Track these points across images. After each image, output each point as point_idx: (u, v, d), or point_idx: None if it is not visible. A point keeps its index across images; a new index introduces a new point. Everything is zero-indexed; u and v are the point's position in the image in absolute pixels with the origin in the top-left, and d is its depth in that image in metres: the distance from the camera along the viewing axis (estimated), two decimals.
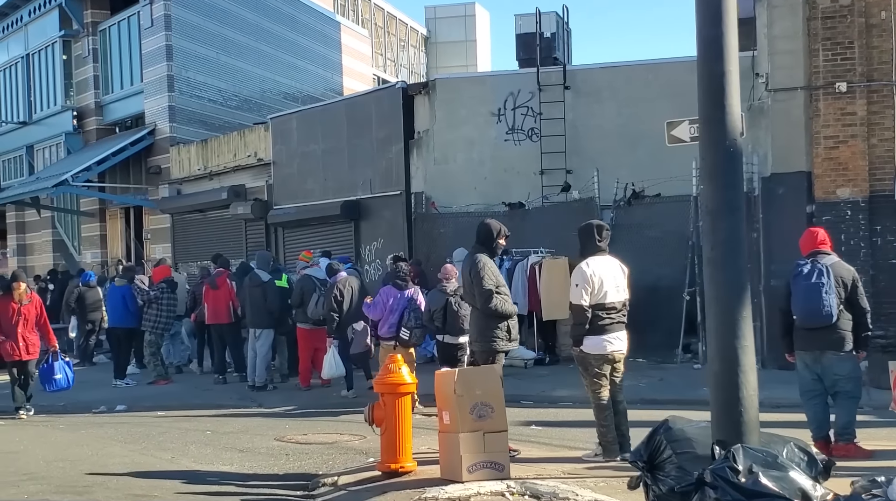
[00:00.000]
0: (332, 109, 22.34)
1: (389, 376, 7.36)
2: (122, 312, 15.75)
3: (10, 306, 12.59)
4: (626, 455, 7.42)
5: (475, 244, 8.57)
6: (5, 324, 12.58)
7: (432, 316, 11.43)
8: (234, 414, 12.11)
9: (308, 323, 13.75)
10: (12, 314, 12.56)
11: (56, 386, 12.85)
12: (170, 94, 27.95)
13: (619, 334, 7.75)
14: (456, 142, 19.32)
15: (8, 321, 12.57)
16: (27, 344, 12.69)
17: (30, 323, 12.70)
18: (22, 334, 12.62)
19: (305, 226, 22.68)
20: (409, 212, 19.83)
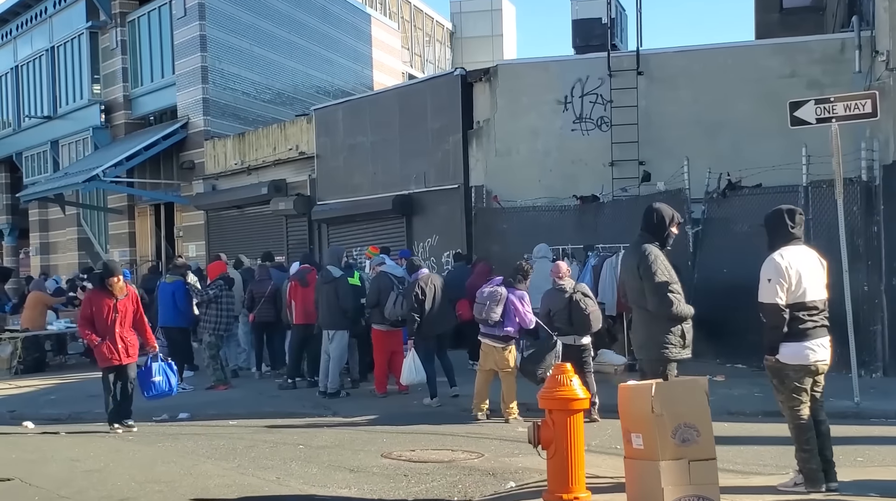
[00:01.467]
0: (383, 99, 21.29)
1: (560, 389, 6.23)
2: (173, 311, 14.73)
3: (106, 302, 10.90)
4: (832, 484, 6.35)
5: (641, 232, 7.42)
6: (100, 324, 10.88)
7: (551, 316, 10.62)
8: (314, 424, 11.07)
9: (384, 324, 12.68)
10: (108, 311, 10.86)
11: (156, 392, 11.20)
12: (203, 86, 26.98)
13: (823, 340, 6.53)
14: (519, 132, 18.26)
15: (103, 320, 10.87)
16: (126, 346, 10.95)
17: (127, 320, 11.01)
18: (120, 334, 10.90)
19: (352, 222, 21.66)
20: (468, 206, 18.78)
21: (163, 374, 11.20)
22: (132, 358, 11.10)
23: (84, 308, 11.21)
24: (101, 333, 10.91)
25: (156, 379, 11.14)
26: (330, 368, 13.04)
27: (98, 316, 10.91)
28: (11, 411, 13.29)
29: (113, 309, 10.91)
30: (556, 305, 10.68)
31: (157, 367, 11.21)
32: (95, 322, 10.95)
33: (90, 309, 11.01)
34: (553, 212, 17.07)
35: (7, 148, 36.05)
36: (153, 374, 11.15)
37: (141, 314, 11.29)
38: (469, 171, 18.88)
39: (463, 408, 11.52)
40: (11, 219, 37.79)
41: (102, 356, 10.96)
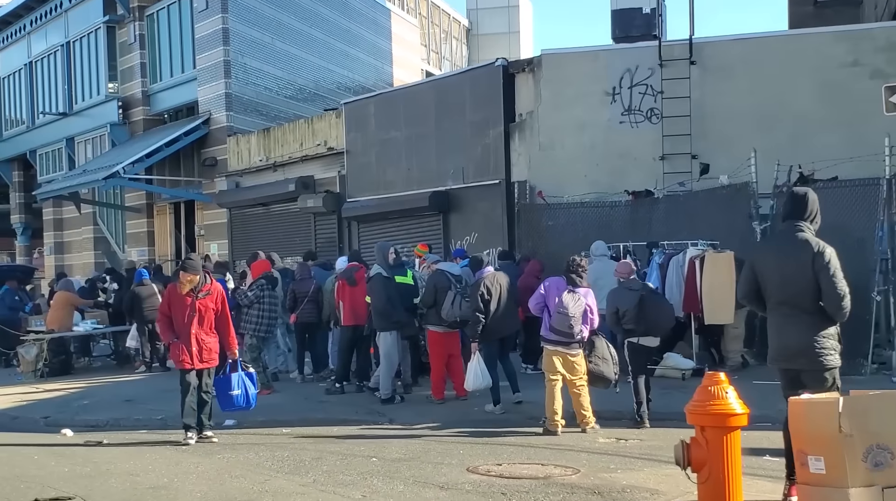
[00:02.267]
0: (418, 92, 20.56)
1: (714, 403, 5.43)
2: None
3: (184, 299, 10.02)
4: None
5: (795, 222, 6.43)
6: (177, 322, 10.05)
7: (620, 316, 9.96)
8: (374, 433, 10.36)
9: (441, 325, 11.93)
10: (186, 309, 9.97)
11: (232, 405, 10.26)
12: (226, 81, 26.25)
13: None
14: (564, 124, 17.53)
15: (180, 318, 10.02)
16: (201, 349, 9.97)
17: (207, 321, 10.05)
18: (196, 335, 9.93)
19: (385, 219, 20.93)
20: (510, 202, 18.04)
21: (241, 386, 10.19)
22: (208, 363, 10.12)
23: (162, 303, 10.47)
24: (177, 332, 10.11)
25: (234, 393, 10.15)
26: (380, 372, 12.30)
27: (175, 313, 10.08)
28: (45, 417, 12.62)
29: (191, 307, 9.98)
30: (626, 304, 10.07)
31: (236, 378, 10.21)
32: (173, 319, 10.13)
33: (168, 305, 10.21)
34: (603, 209, 16.35)
35: (20, 145, 35.37)
36: (232, 386, 10.17)
37: (225, 315, 10.29)
38: (511, 166, 18.16)
39: (529, 416, 10.80)
40: (25, 219, 37.13)
41: (175, 357, 10.21)
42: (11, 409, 13.58)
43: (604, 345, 10.16)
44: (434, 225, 19.79)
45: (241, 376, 10.22)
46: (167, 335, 10.20)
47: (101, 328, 18.31)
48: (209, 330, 10.07)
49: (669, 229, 14.97)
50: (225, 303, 10.31)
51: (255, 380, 10.42)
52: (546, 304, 10.05)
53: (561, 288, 10.14)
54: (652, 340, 10.26)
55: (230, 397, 10.17)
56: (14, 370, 18.58)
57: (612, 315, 10.18)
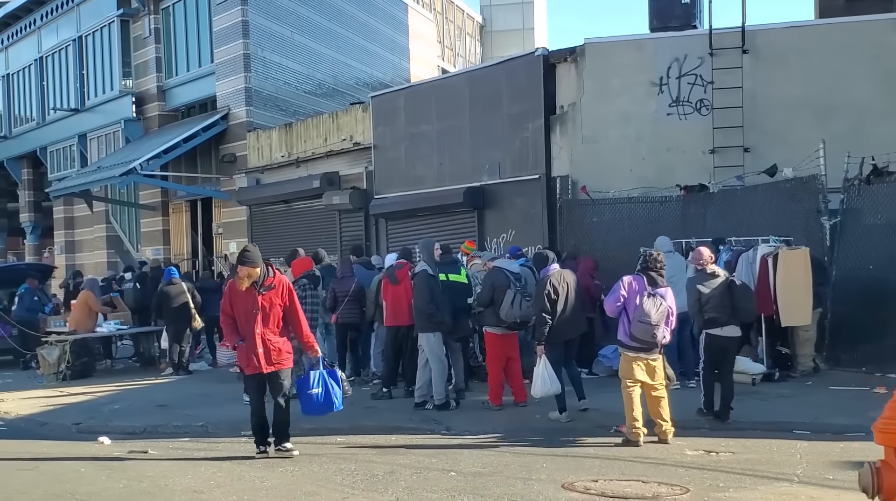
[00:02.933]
0: (451, 84, 19.83)
1: None
2: None
3: (245, 296, 8.80)
4: None
5: None
6: (240, 321, 8.87)
7: (703, 303, 9.56)
8: (441, 443, 9.64)
9: (500, 326, 11.19)
10: (248, 307, 8.78)
11: (312, 407, 9.08)
12: (246, 75, 25.52)
13: None
14: (608, 116, 16.81)
15: (242, 317, 8.84)
16: (269, 350, 8.76)
17: (272, 319, 8.83)
18: (262, 335, 8.74)
19: (415, 216, 20.20)
20: (550, 198, 17.30)
21: (322, 385, 9.04)
22: (279, 365, 8.87)
23: (224, 301, 9.11)
24: (241, 333, 8.93)
25: (313, 392, 9.00)
26: (432, 377, 11.56)
27: (237, 312, 8.90)
28: (77, 423, 11.91)
29: (253, 304, 8.77)
30: (710, 289, 9.53)
31: (315, 377, 9.05)
32: (238, 318, 8.95)
33: (229, 304, 9.00)
34: (652, 204, 15.65)
35: (30, 143, 34.68)
36: (311, 385, 9.03)
37: (295, 309, 9.01)
38: (551, 160, 17.44)
39: (597, 424, 10.11)
40: (34, 217, 36.43)
41: (241, 361, 9.04)
42: (38, 415, 12.87)
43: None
44: (468, 222, 19.07)
45: (321, 374, 9.09)
46: (232, 337, 9.01)
47: (124, 329, 17.56)
48: (276, 329, 8.90)
49: (726, 225, 14.26)
50: (293, 296, 9.08)
51: (338, 379, 9.26)
52: (625, 307, 9.29)
53: (641, 288, 9.39)
54: (734, 330, 9.70)
55: (309, 397, 9.05)
56: (33, 372, 17.87)
57: (695, 302, 9.60)
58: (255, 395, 9.05)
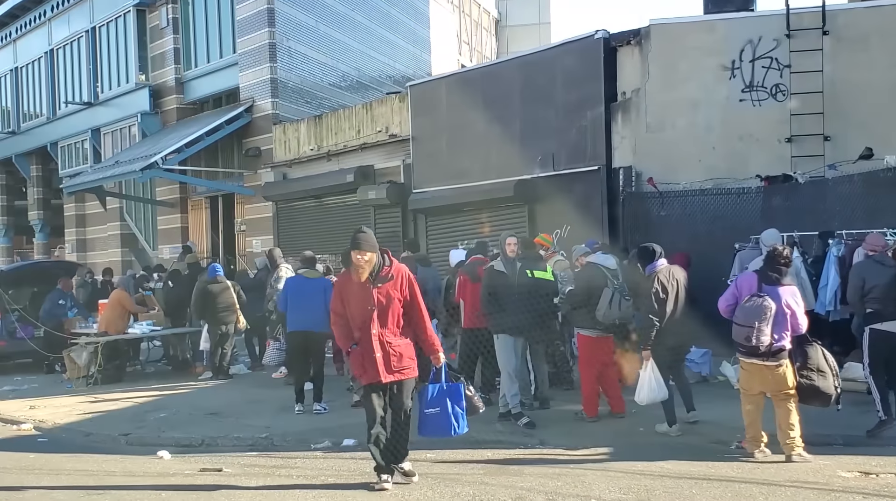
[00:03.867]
0: (499, 71, 18.72)
1: None
2: (323, 313, 11.95)
3: (358, 290, 7.44)
4: None
5: None
6: (353, 320, 7.46)
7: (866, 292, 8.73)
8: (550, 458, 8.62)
9: (595, 329, 10.12)
10: (363, 302, 7.39)
11: (428, 428, 7.60)
12: (271, 66, 24.47)
13: None
14: (675, 103, 15.76)
15: (357, 314, 7.43)
16: (388, 355, 7.35)
17: (392, 317, 7.44)
18: (380, 337, 7.34)
19: (458, 211, 19.15)
20: (611, 191, 16.24)
21: (441, 403, 7.50)
22: (400, 374, 7.44)
23: (334, 299, 7.65)
24: (354, 335, 7.52)
25: (430, 411, 7.53)
26: (508, 383, 10.47)
27: (349, 309, 7.47)
28: (125, 434, 10.84)
29: (368, 299, 7.36)
30: (876, 279, 8.71)
31: (434, 392, 7.54)
32: (352, 317, 7.51)
33: (340, 301, 7.57)
34: (728, 197, 14.60)
35: (40, 138, 33.62)
36: (428, 401, 7.55)
37: (418, 306, 7.58)
38: (612, 151, 16.36)
39: (713, 439, 9.09)
40: (43, 215, 35.35)
41: (356, 369, 7.63)
42: (78, 424, 11.80)
43: (819, 355, 8.39)
44: (517, 217, 18.00)
45: (440, 388, 7.58)
46: (345, 340, 7.56)
47: (158, 330, 16.47)
48: (396, 329, 7.45)
49: (815, 218, 13.23)
50: (415, 289, 7.58)
51: (462, 396, 7.68)
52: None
53: (751, 287, 8.35)
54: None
55: (425, 417, 7.58)
56: (59, 376, 16.84)
57: (857, 290, 8.74)
58: (373, 407, 7.51)
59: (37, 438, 11.20)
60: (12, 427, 11.97)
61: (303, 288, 11.86)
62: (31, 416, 12.53)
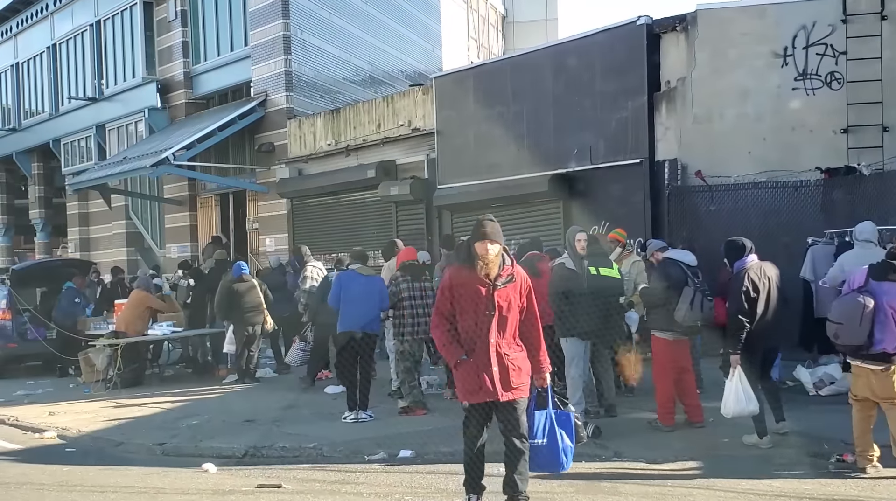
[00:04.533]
0: (531, 61, 17.93)
1: None
2: (377, 312, 11.13)
3: (475, 291, 6.29)
4: None
5: None
6: (465, 326, 6.34)
7: None
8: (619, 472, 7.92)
9: (673, 331, 9.35)
10: (478, 306, 6.28)
11: (535, 461, 6.43)
12: (286, 58, 23.66)
13: None
14: (723, 92, 15.02)
15: (469, 321, 6.32)
16: (505, 368, 6.24)
17: (511, 323, 6.35)
18: (496, 347, 6.25)
19: (487, 208, 18.07)
20: (654, 185, 15.49)
21: (551, 434, 6.45)
22: (517, 392, 6.30)
23: (441, 298, 6.47)
24: (466, 341, 6.35)
25: (537, 442, 6.41)
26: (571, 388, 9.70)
27: (462, 312, 6.34)
28: (160, 444, 10.03)
29: (486, 302, 6.28)
30: None
31: (541, 420, 6.47)
32: (459, 323, 6.40)
33: (449, 302, 6.42)
34: (784, 190, 13.88)
35: (42, 135, 32.77)
36: (534, 431, 6.43)
37: (535, 316, 6.49)
38: (655, 142, 15.61)
39: (810, 452, 8.33)
40: (44, 214, 34.50)
41: (463, 385, 6.39)
42: (106, 432, 11.00)
43: None
44: (552, 213, 17.27)
45: (549, 416, 6.51)
46: (452, 350, 6.35)
47: (179, 331, 15.65)
48: (513, 339, 6.36)
49: (881, 213, 12.46)
50: (532, 297, 6.49)
51: (572, 425, 6.63)
52: None
53: (858, 283, 7.60)
54: None
55: (538, 449, 6.45)
56: (73, 380, 16.06)
57: None
58: (477, 428, 6.40)
59: (63, 448, 10.40)
60: (35, 436, 11.18)
61: (356, 285, 11.01)
62: (52, 423, 11.74)
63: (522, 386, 6.36)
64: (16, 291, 17.02)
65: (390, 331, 12.28)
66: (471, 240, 6.43)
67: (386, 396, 12.00)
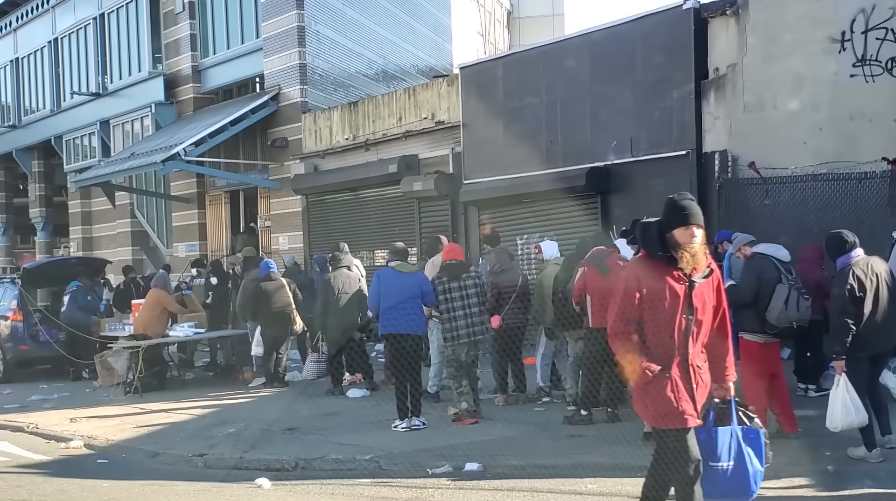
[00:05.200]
0: (566, 49, 17.14)
1: None
2: (421, 312, 10.31)
3: (669, 287, 5.07)
4: None
5: None
6: (656, 334, 5.11)
7: None
8: None
9: (764, 333, 8.53)
10: (676, 308, 5.07)
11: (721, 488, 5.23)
12: (300, 50, 22.84)
13: None
14: (777, 79, 14.23)
15: (665, 325, 5.09)
16: (701, 386, 5.16)
17: (706, 329, 5.18)
18: (693, 361, 5.12)
19: (517, 203, 17.56)
20: (702, 177, 14.71)
21: (739, 454, 5.24)
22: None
23: (626, 300, 5.16)
24: (656, 353, 5.13)
25: (722, 465, 5.21)
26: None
27: (652, 318, 5.11)
28: (200, 455, 9.21)
29: (684, 303, 5.07)
30: None
31: (726, 440, 5.25)
32: (645, 328, 5.15)
33: (636, 303, 5.13)
34: (847, 182, 13.11)
35: (43, 132, 31.92)
36: (718, 451, 5.22)
37: (725, 315, 5.35)
38: (703, 133, 14.82)
39: None
40: (45, 212, 33.64)
41: (656, 406, 5.12)
42: (137, 441, 10.21)
43: None
44: (588, 208, 16.44)
45: (734, 434, 5.30)
46: (639, 363, 5.11)
47: (202, 333, 14.83)
48: (702, 348, 5.22)
49: None
50: (723, 292, 5.35)
51: (762, 443, 5.40)
52: None
53: None
54: None
55: (713, 472, 5.21)
56: (88, 383, 15.24)
57: None
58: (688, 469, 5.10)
59: (94, 459, 9.60)
60: (60, 445, 10.37)
61: (398, 284, 10.20)
62: (76, 431, 10.96)
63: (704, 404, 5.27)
64: (27, 291, 16.15)
65: (432, 333, 11.52)
66: (664, 226, 5.16)
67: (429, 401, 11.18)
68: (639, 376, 5.10)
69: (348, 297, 13.04)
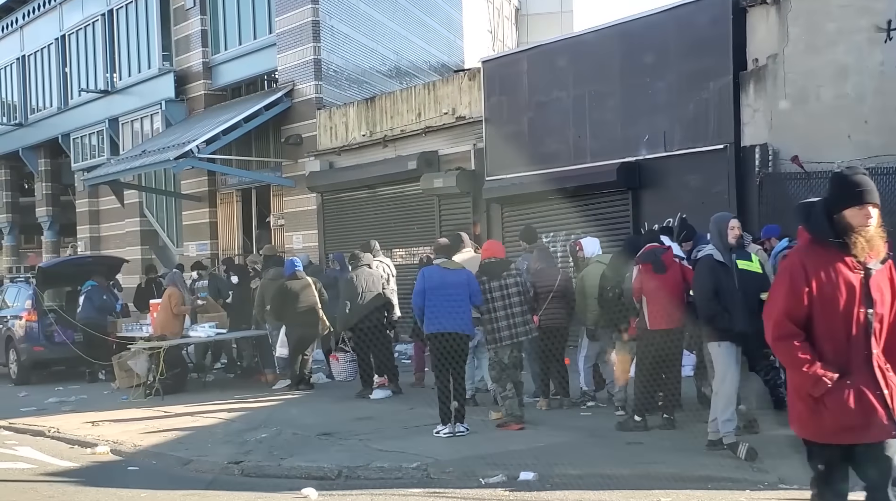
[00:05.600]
0: (595, 40, 16.64)
1: None
2: (469, 311, 9.76)
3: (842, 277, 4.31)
4: None
5: None
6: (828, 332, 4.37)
7: None
8: None
9: None
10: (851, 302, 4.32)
11: None
12: (315, 46, 22.36)
13: None
14: (820, 71, 13.74)
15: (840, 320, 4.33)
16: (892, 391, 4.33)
17: (887, 325, 4.42)
18: (878, 363, 4.34)
19: (543, 200, 17.01)
20: (740, 172, 14.18)
21: None
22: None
23: (787, 297, 4.45)
24: (830, 357, 4.37)
25: None
26: (713, 403, 8.36)
27: (823, 314, 4.38)
28: (236, 462, 8.68)
29: (861, 296, 4.36)
30: None
31: None
32: (816, 327, 4.41)
33: (804, 299, 4.40)
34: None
35: (49, 130, 31.47)
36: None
37: None
38: (741, 127, 14.30)
39: None
40: (52, 211, 33.16)
41: (834, 418, 4.33)
42: (167, 446, 9.73)
43: None
44: (618, 205, 15.95)
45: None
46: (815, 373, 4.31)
47: (223, 333, 14.33)
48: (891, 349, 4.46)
49: None
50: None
51: None
52: None
53: None
54: None
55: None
56: (105, 385, 14.76)
57: None
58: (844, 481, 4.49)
59: (124, 466, 9.11)
60: (86, 451, 9.88)
61: (444, 282, 9.67)
62: (100, 435, 10.47)
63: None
64: (42, 291, 15.67)
65: None
66: (831, 205, 4.44)
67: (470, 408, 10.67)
68: (816, 385, 4.34)
69: (373, 295, 12.59)
